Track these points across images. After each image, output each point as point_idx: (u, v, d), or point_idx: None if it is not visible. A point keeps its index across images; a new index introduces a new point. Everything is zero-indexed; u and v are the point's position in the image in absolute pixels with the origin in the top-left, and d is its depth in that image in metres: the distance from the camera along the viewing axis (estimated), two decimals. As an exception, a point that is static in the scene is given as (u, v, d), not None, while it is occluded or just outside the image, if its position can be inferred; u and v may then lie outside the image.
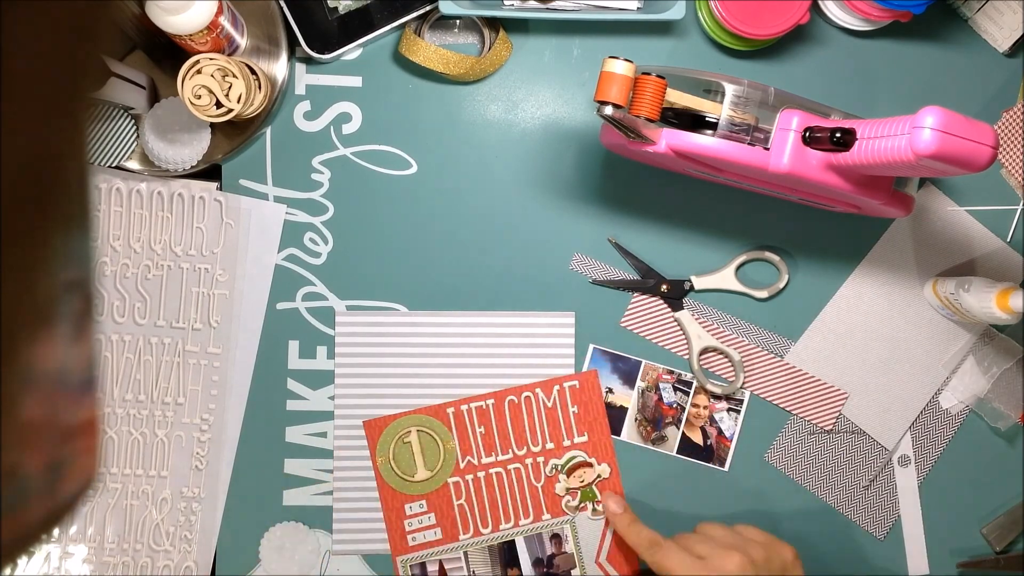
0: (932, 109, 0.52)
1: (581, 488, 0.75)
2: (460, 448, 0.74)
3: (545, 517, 0.75)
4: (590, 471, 0.75)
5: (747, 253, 0.76)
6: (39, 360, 0.25)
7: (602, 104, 0.57)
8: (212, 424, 0.76)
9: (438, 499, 0.74)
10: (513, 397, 0.74)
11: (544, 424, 0.75)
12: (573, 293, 0.77)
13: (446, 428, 0.74)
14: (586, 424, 0.75)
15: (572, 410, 0.75)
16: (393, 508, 0.74)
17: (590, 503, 0.75)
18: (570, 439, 0.75)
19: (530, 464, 0.75)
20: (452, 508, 0.74)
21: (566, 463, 0.75)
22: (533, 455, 0.75)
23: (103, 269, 0.75)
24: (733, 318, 0.77)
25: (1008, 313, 0.68)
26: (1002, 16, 0.75)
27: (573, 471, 0.75)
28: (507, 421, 0.75)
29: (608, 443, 0.75)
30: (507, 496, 0.75)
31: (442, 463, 0.74)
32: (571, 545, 0.75)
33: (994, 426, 0.77)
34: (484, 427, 0.75)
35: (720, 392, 0.76)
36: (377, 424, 0.74)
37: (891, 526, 0.78)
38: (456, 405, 0.74)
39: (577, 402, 0.75)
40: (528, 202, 0.77)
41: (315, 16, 0.73)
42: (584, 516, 0.75)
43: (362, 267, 0.76)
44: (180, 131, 0.73)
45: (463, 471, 0.74)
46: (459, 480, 0.74)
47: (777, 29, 0.71)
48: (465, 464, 0.74)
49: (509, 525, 0.75)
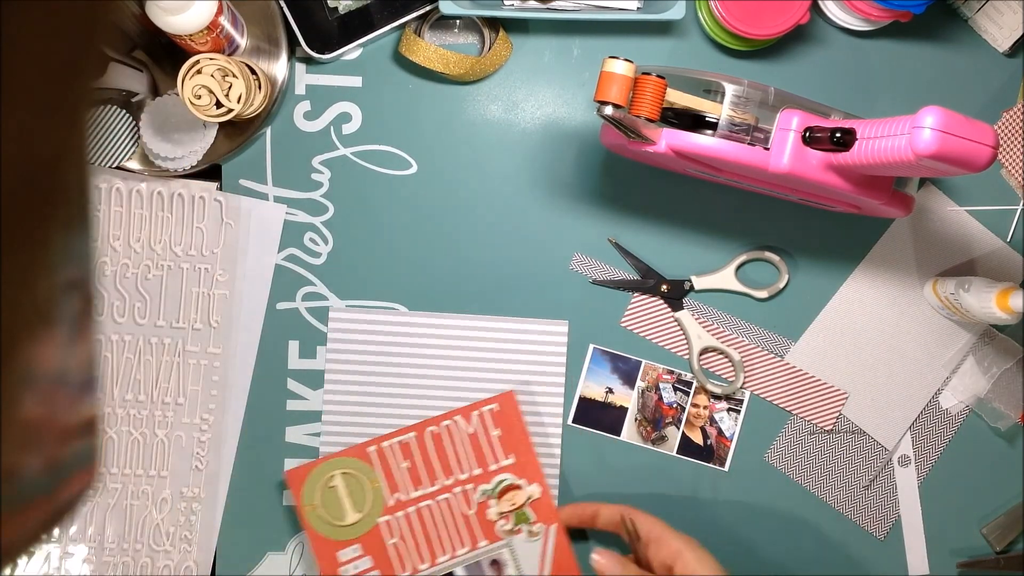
0: (932, 109, 0.52)
1: (514, 511, 0.74)
2: (387, 486, 0.73)
3: (482, 544, 0.74)
4: (520, 493, 0.74)
5: (747, 253, 0.76)
6: (39, 360, 0.25)
7: (602, 104, 0.57)
8: (212, 424, 0.76)
9: (371, 541, 0.73)
10: (434, 428, 0.74)
11: (468, 451, 0.74)
12: (573, 293, 0.77)
13: (369, 467, 0.73)
14: (511, 446, 0.74)
15: (494, 433, 0.74)
16: (326, 556, 0.72)
17: (525, 525, 0.74)
18: (496, 463, 0.74)
19: (459, 493, 0.74)
20: (386, 548, 0.73)
21: (495, 487, 0.74)
22: (461, 483, 0.74)
23: (103, 269, 0.75)
24: (733, 318, 0.77)
25: (1008, 313, 0.68)
26: (1002, 16, 0.75)
27: (503, 495, 0.74)
28: (430, 452, 0.74)
29: (535, 463, 0.74)
30: (441, 528, 0.73)
31: (371, 504, 0.73)
32: (512, 568, 0.74)
33: (994, 426, 0.77)
34: (408, 461, 0.73)
35: (720, 392, 0.76)
36: (299, 474, 0.72)
37: (891, 526, 0.78)
38: (377, 443, 0.73)
39: (499, 425, 0.74)
40: (528, 202, 0.77)
41: (315, 16, 0.73)
42: (520, 539, 0.74)
43: (362, 267, 0.76)
44: (180, 130, 0.73)
45: (393, 509, 0.73)
46: (390, 518, 0.73)
47: (777, 29, 0.71)
48: (394, 501, 0.73)
49: (446, 557, 0.73)
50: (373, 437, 0.74)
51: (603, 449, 0.77)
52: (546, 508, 0.74)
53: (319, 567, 0.72)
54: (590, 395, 0.77)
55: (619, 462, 0.77)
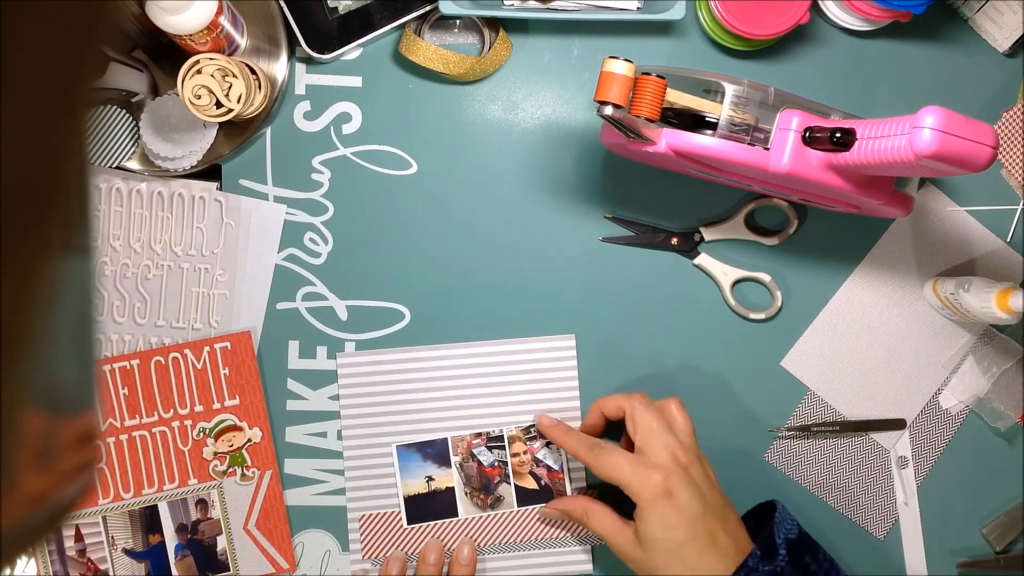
0: (932, 109, 0.52)
1: (230, 452, 0.73)
2: (101, 410, 0.71)
3: (191, 482, 0.73)
4: (240, 435, 0.73)
5: (755, 201, 0.76)
6: (39, 360, 0.25)
7: (602, 104, 0.57)
8: (211, 424, 0.76)
9: None
10: (160, 358, 0.72)
11: (194, 386, 0.72)
12: (575, 290, 0.77)
13: None
14: (237, 387, 0.73)
15: (223, 372, 0.72)
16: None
17: (239, 468, 0.73)
18: (220, 402, 0.72)
19: (177, 428, 0.72)
20: None
21: (215, 427, 0.72)
22: (180, 418, 0.72)
23: (103, 269, 0.75)
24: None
25: (1008, 313, 0.68)
26: (1002, 16, 0.75)
27: (222, 435, 0.73)
28: (153, 383, 0.72)
29: (261, 407, 0.73)
30: (151, 460, 0.72)
31: None
32: (218, 511, 0.73)
33: (994, 426, 0.77)
34: (128, 388, 0.72)
35: (765, 316, 0.76)
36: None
37: (891, 526, 0.78)
38: (97, 365, 0.70)
39: (229, 364, 0.73)
40: (528, 201, 0.77)
41: (315, 16, 0.73)
42: (232, 481, 0.73)
43: (362, 267, 0.76)
44: (180, 130, 0.73)
45: (104, 434, 0.71)
46: (99, 443, 0.70)
47: (777, 29, 0.71)
48: (107, 427, 0.71)
49: (152, 490, 0.72)
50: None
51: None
52: (264, 453, 0.73)
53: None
54: (413, 491, 0.75)
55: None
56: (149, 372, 0.72)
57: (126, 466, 0.72)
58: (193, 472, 0.73)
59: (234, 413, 0.73)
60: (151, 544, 0.73)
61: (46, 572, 0.72)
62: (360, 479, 0.75)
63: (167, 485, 0.73)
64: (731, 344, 0.77)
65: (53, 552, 0.72)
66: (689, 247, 0.76)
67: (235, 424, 0.73)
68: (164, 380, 0.73)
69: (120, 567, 0.72)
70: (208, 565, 0.73)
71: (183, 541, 0.73)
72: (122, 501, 0.72)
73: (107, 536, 0.72)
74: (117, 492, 0.72)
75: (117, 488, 0.72)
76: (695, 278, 0.77)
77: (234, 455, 0.73)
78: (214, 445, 0.73)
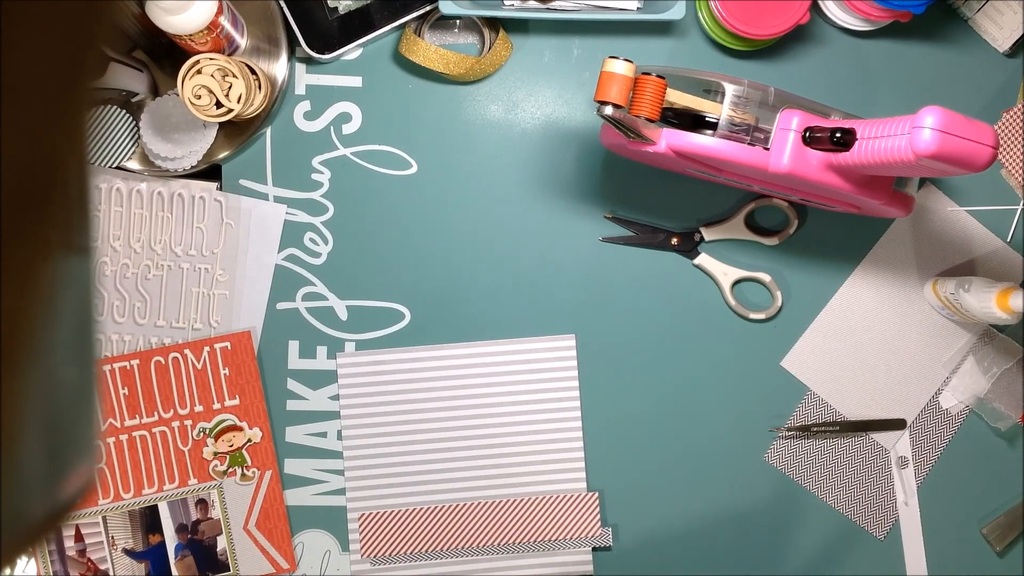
0: (932, 109, 0.52)
1: (230, 452, 0.73)
2: (101, 410, 0.71)
3: (192, 482, 0.73)
4: (240, 435, 0.73)
5: (755, 201, 0.76)
6: (39, 360, 0.25)
7: (602, 104, 0.57)
8: (211, 424, 0.76)
9: None
10: (160, 358, 0.72)
11: (193, 386, 0.73)
12: (575, 288, 0.77)
13: None
14: (237, 387, 0.73)
15: (223, 372, 0.73)
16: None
17: (239, 468, 0.73)
18: (220, 402, 0.73)
19: (177, 428, 0.72)
20: None
21: (215, 427, 0.73)
22: (180, 418, 0.72)
23: (103, 269, 0.75)
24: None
25: (1008, 313, 0.68)
26: (1002, 16, 0.75)
27: (222, 435, 0.73)
28: (153, 383, 0.72)
29: (261, 407, 0.73)
30: (151, 460, 0.72)
31: None
32: (218, 511, 0.73)
33: (994, 426, 0.77)
34: (128, 388, 0.72)
35: (765, 316, 0.76)
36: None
37: (891, 526, 0.78)
38: (97, 365, 0.70)
39: (229, 364, 0.73)
40: (528, 201, 0.77)
41: (315, 16, 0.73)
42: (232, 481, 0.73)
43: (362, 267, 0.76)
44: (180, 130, 0.73)
45: (104, 434, 0.71)
46: (98, 443, 0.71)
47: (777, 29, 0.71)
48: (107, 427, 0.71)
49: (152, 490, 0.72)
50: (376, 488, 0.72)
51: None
52: (264, 453, 0.73)
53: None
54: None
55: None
56: (149, 372, 0.72)
57: (126, 466, 0.72)
58: (193, 472, 0.73)
59: (234, 413, 0.73)
60: (151, 544, 0.73)
61: (46, 572, 0.72)
62: (360, 479, 0.75)
63: (167, 485, 0.73)
64: (731, 344, 0.77)
65: (53, 552, 0.72)
66: (689, 247, 0.76)
67: (235, 424, 0.73)
68: (164, 380, 0.73)
69: (120, 567, 0.72)
70: (208, 565, 0.73)
71: (183, 541, 0.73)
72: (122, 501, 0.72)
73: (107, 536, 0.72)
74: (117, 492, 0.72)
75: (117, 488, 0.72)
76: (695, 278, 0.77)
77: (234, 455, 0.73)
78: (214, 445, 0.73)
